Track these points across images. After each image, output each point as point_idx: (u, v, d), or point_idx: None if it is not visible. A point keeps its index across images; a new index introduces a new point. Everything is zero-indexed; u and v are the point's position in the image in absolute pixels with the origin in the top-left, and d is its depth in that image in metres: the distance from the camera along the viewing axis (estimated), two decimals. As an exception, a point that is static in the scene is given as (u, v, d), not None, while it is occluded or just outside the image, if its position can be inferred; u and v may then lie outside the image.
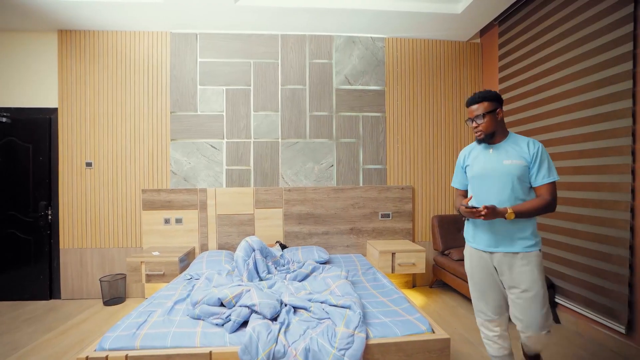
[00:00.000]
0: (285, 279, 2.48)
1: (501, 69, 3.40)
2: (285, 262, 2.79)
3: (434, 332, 1.77)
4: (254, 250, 2.52)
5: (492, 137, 1.75)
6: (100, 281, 3.25)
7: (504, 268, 1.68)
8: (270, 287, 2.25)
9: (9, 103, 3.37)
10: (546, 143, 2.82)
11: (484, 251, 1.74)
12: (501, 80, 3.40)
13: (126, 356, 1.56)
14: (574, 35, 2.56)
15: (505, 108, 3.34)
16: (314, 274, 2.56)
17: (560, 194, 2.68)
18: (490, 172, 1.73)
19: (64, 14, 3.07)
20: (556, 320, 2.69)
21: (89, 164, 3.41)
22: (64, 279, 3.40)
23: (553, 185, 1.62)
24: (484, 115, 1.72)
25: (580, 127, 2.51)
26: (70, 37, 3.38)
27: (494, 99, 1.72)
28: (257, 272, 2.47)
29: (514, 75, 3.21)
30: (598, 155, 2.38)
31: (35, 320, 2.90)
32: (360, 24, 3.38)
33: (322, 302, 1.94)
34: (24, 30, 3.35)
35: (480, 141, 1.81)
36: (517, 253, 1.64)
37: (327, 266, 2.69)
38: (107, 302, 3.24)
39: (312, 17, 3.23)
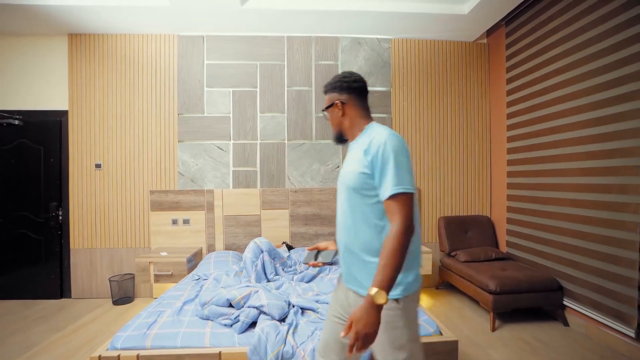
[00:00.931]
0: (292, 280, 2.50)
1: (508, 69, 3.38)
2: (292, 264, 2.80)
3: (441, 335, 1.78)
4: (262, 252, 2.55)
5: (340, 138, 1.34)
6: (110, 281, 3.30)
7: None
8: (277, 288, 2.27)
9: (21, 106, 3.43)
10: (554, 144, 2.81)
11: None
12: (508, 81, 3.38)
13: (137, 355, 1.59)
14: (582, 35, 2.54)
15: (512, 109, 3.33)
16: (321, 275, 2.57)
17: (568, 195, 2.67)
18: (338, 186, 1.28)
19: (74, 18, 3.12)
20: (564, 323, 2.68)
21: (98, 166, 3.46)
22: (74, 279, 3.45)
23: (403, 200, 1.06)
24: (327, 110, 1.33)
25: (589, 128, 2.49)
26: (80, 41, 3.44)
27: (333, 89, 1.30)
28: (265, 274, 2.49)
29: (521, 76, 3.20)
30: (607, 156, 2.36)
31: (47, 319, 2.95)
32: (366, 25, 3.38)
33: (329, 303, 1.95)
34: (35, 34, 3.41)
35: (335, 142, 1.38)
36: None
37: (334, 267, 2.71)
38: (116, 302, 3.29)
39: (318, 19, 3.24)
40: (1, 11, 2.98)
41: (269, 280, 2.47)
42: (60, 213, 3.45)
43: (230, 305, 1.90)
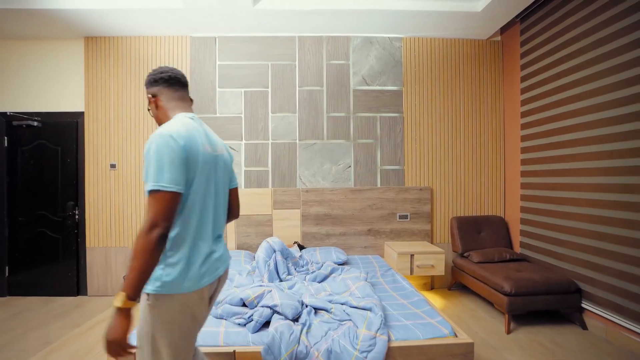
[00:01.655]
0: (305, 280, 2.50)
1: (523, 67, 3.32)
2: (304, 263, 2.81)
3: (456, 336, 1.75)
4: (274, 252, 2.55)
5: None
6: (124, 279, 3.34)
7: None
8: (290, 288, 2.27)
9: (40, 107, 3.51)
10: (571, 143, 2.75)
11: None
12: (523, 79, 3.32)
13: (153, 353, 1.60)
14: (600, 32, 2.48)
15: (527, 107, 3.26)
16: (333, 275, 2.57)
17: (586, 195, 2.60)
18: None
19: (90, 21, 3.18)
20: (583, 326, 2.61)
21: (113, 166, 3.52)
22: (90, 277, 3.52)
23: (157, 197, 1.00)
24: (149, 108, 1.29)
25: (610, 126, 2.43)
26: (96, 44, 3.50)
27: (146, 85, 1.26)
28: (278, 273, 2.49)
29: (536, 74, 3.13)
30: (629, 155, 2.29)
31: (64, 316, 3.01)
32: (377, 24, 3.36)
33: (342, 304, 1.95)
34: (53, 38, 3.49)
35: None
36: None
37: (346, 267, 2.70)
38: (131, 300, 3.33)
39: (329, 18, 3.23)
40: (21, 16, 3.06)
41: (281, 280, 2.48)
42: (76, 212, 3.52)
43: (244, 305, 1.91)
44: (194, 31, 3.47)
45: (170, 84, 1.24)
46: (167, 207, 1.00)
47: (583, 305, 2.63)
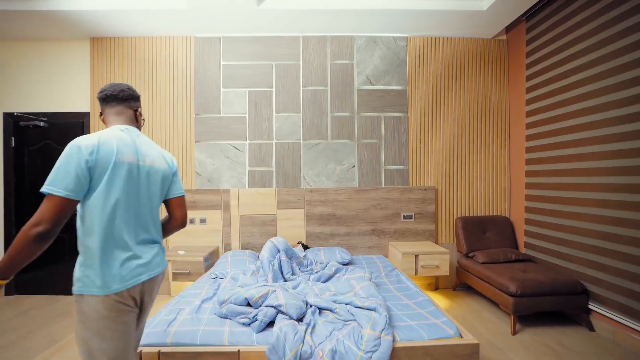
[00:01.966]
0: (309, 279, 2.50)
1: (528, 66, 3.29)
2: (309, 263, 2.80)
3: (462, 337, 1.74)
4: (279, 251, 2.55)
5: None
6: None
7: None
8: (294, 287, 2.27)
9: (46, 108, 3.54)
10: (576, 143, 2.73)
11: None
12: (528, 78, 3.30)
13: (159, 352, 1.61)
14: (606, 30, 2.46)
15: (532, 107, 3.24)
16: (337, 275, 2.56)
17: (594, 195, 2.58)
18: None
19: (96, 22, 3.20)
20: (590, 327, 2.58)
21: (118, 166, 3.53)
22: (95, 276, 3.54)
23: (46, 199, 1.10)
24: None
25: (616, 126, 2.40)
26: (101, 44, 3.53)
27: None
28: (282, 273, 2.49)
29: (542, 73, 3.11)
30: (636, 155, 2.27)
31: (69, 314, 3.03)
32: (381, 24, 3.35)
33: (347, 304, 1.94)
34: (59, 39, 3.52)
35: None
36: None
37: (350, 267, 2.69)
38: (136, 299, 3.35)
39: (333, 18, 3.23)
40: (28, 18, 3.09)
41: (285, 280, 2.48)
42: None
43: (248, 305, 1.91)
44: (198, 31, 3.48)
45: (107, 102, 1.37)
46: (54, 210, 1.08)
47: (590, 307, 2.60)
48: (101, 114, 1.40)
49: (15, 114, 3.54)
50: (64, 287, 3.50)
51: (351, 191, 3.51)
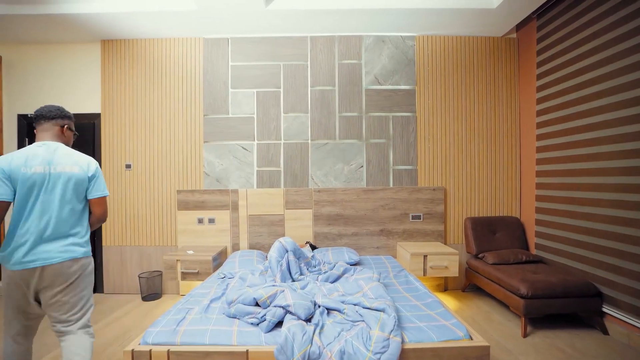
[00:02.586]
0: (317, 280, 2.49)
1: (539, 64, 3.24)
2: (317, 263, 2.80)
3: (472, 339, 1.72)
4: (287, 252, 2.55)
5: None
6: (139, 277, 3.41)
7: None
8: (302, 288, 2.27)
9: (58, 109, 3.61)
10: (590, 142, 2.68)
11: None
12: (539, 77, 3.25)
13: (168, 351, 1.62)
14: (620, 28, 2.40)
15: (543, 105, 3.19)
16: (346, 275, 2.56)
17: (609, 196, 2.53)
18: None
19: (107, 25, 3.25)
20: (603, 331, 2.53)
21: (128, 166, 3.58)
22: (106, 275, 3.60)
23: None
24: None
25: (631, 124, 2.35)
26: (112, 46, 3.58)
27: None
28: (290, 273, 2.49)
29: (553, 71, 3.06)
30: (652, 154, 2.22)
31: (82, 313, 3.08)
32: (389, 23, 3.34)
33: (355, 304, 1.94)
34: (71, 42, 3.58)
35: None
36: None
37: (359, 268, 2.68)
38: (145, 298, 3.40)
39: (341, 18, 3.22)
40: (40, 21, 3.15)
41: (293, 280, 2.48)
42: (93, 211, 3.59)
43: (257, 304, 1.92)
44: (207, 33, 3.50)
45: (37, 121, 1.73)
46: None
47: (604, 309, 2.55)
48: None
49: (29, 115, 3.61)
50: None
51: (359, 191, 3.50)
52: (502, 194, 3.59)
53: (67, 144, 1.80)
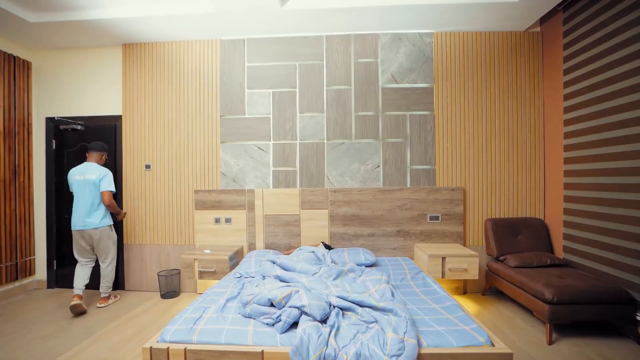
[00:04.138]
0: (318, 274, 2.45)
1: (566, 59, 3.10)
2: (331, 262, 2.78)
3: (493, 345, 1.65)
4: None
5: None
6: (158, 275, 3.48)
7: None
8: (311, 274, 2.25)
9: (82, 112, 3.74)
10: (621, 140, 2.54)
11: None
12: (566, 72, 3.10)
13: (185, 349, 1.64)
14: (658, 17, 2.26)
15: (571, 102, 3.05)
16: (353, 274, 2.50)
17: (640, 197, 2.39)
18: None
19: (128, 29, 3.34)
20: (637, 340, 2.38)
21: (147, 167, 3.67)
22: (127, 272, 3.69)
23: None
24: None
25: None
26: (133, 50, 3.67)
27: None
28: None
29: (581, 65, 2.92)
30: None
31: (104, 308, 3.17)
32: (406, 20, 3.27)
33: (358, 303, 1.91)
34: (94, 46, 3.71)
35: None
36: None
37: (367, 269, 2.63)
38: (164, 295, 3.46)
39: (357, 16, 3.18)
40: (68, 28, 3.27)
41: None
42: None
43: (272, 305, 1.91)
44: (224, 34, 3.54)
45: (89, 150, 3.28)
46: None
47: (638, 317, 2.40)
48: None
49: (56, 118, 3.75)
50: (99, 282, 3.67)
51: (376, 191, 3.45)
52: (525, 195, 3.46)
53: (101, 164, 3.30)
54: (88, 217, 3.10)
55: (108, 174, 3.16)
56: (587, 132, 2.87)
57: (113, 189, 3.18)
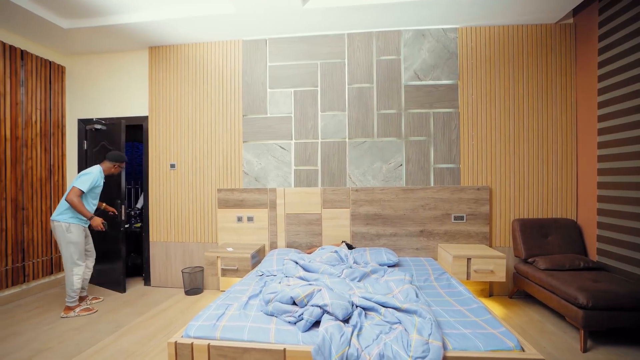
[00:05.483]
0: (341, 276, 2.43)
1: (601, 51, 2.94)
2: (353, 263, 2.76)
3: (523, 351, 1.58)
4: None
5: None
6: (182, 272, 3.57)
7: None
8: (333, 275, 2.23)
9: (112, 114, 3.89)
10: (665, 136, 2.37)
11: None
12: (601, 65, 2.94)
13: (208, 345, 1.66)
14: None
15: (605, 97, 2.89)
16: (375, 275, 2.47)
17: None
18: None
19: (154, 32, 3.44)
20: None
21: (172, 166, 3.76)
22: (153, 269, 3.81)
23: None
24: None
25: None
26: (158, 52, 3.78)
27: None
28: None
29: (618, 58, 2.76)
30: None
31: (131, 303, 3.29)
32: (430, 15, 3.20)
33: (382, 304, 1.87)
34: (122, 50, 3.85)
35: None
36: None
37: (390, 269, 2.59)
38: (188, 292, 3.55)
39: (379, 13, 3.14)
40: (98, 33, 3.41)
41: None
42: (122, 209, 3.82)
43: (294, 303, 1.91)
44: (246, 35, 3.58)
45: (108, 159, 3.22)
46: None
47: (680, 325, 2.25)
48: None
49: (94, 120, 3.92)
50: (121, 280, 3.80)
51: (398, 190, 3.39)
52: (555, 194, 3.31)
53: (109, 173, 3.24)
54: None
55: (88, 174, 2.96)
56: (623, 129, 2.71)
57: (83, 188, 2.90)
